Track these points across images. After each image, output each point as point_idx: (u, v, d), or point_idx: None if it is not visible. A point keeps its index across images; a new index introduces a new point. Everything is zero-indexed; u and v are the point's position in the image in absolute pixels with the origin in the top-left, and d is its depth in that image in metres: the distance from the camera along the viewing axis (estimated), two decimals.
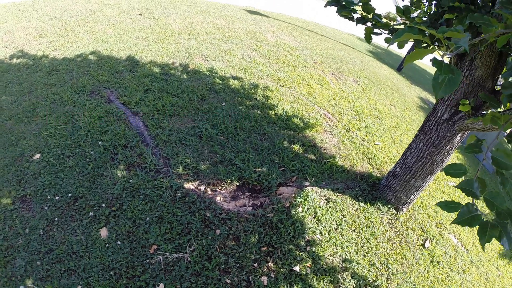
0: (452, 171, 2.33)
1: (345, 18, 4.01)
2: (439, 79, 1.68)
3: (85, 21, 9.11)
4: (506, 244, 2.03)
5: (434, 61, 1.74)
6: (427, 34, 1.83)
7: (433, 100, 11.74)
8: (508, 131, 3.13)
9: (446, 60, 1.80)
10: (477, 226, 2.12)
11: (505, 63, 3.54)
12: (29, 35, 7.95)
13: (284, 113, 6.51)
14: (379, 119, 7.76)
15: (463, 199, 6.17)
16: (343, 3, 3.82)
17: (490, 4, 3.53)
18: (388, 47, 2.80)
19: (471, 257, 4.99)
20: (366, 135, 6.77)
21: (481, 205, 6.17)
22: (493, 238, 2.08)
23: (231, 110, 6.17)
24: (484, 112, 3.78)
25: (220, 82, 7.06)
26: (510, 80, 2.70)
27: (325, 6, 4.02)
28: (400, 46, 3.18)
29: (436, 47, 1.89)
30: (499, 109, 3.56)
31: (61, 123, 5.11)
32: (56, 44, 7.65)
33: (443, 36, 1.73)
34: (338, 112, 7.33)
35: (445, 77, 1.67)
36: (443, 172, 6.56)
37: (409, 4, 4.10)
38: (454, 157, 7.91)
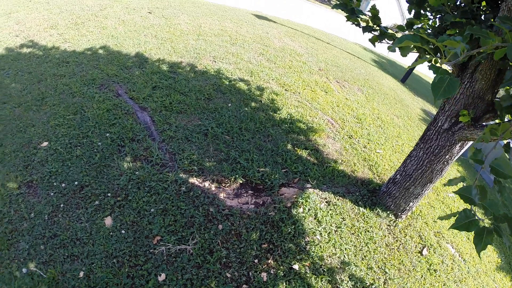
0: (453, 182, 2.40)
1: (352, 24, 4.11)
2: (438, 82, 1.76)
3: (96, 16, 9.19)
4: (507, 242, 2.10)
5: (432, 66, 1.83)
6: (431, 47, 1.91)
7: (435, 112, 11.84)
8: (505, 141, 3.21)
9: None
10: (473, 237, 2.18)
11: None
12: (40, 26, 8.02)
13: (289, 117, 6.59)
14: (382, 128, 7.84)
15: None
16: (352, 8, 3.92)
17: (492, 20, 3.62)
18: (388, 53, 2.87)
19: (468, 268, 5.03)
20: (368, 143, 6.85)
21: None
22: (490, 246, 2.15)
23: (236, 110, 6.26)
24: (484, 123, 3.85)
25: (227, 83, 7.15)
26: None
27: (333, 7, 4.11)
28: (403, 54, 3.27)
29: (438, 59, 1.97)
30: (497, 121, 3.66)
31: (70, 113, 5.18)
32: (67, 37, 7.72)
33: (442, 45, 1.81)
34: (341, 119, 7.41)
35: (441, 78, 1.75)
36: (442, 182, 6.63)
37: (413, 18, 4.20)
38: (454, 169, 7.98)
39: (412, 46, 3.16)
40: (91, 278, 3.30)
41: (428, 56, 3.82)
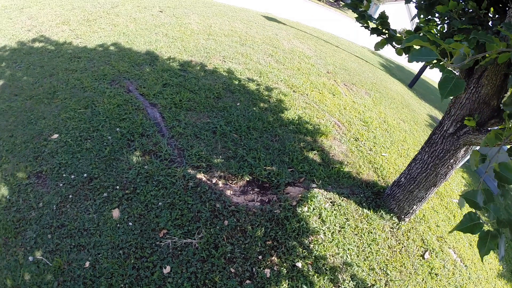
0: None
1: (361, 26, 4.17)
2: (444, 81, 1.81)
3: (107, 14, 9.31)
4: (501, 252, 2.13)
5: (438, 64, 1.89)
6: (439, 52, 1.95)
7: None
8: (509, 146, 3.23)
9: None
10: (477, 241, 2.21)
11: None
12: (52, 22, 8.14)
13: (296, 118, 6.65)
14: (388, 131, 7.87)
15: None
16: (361, 10, 3.98)
17: (500, 26, 3.65)
18: (396, 51, 2.89)
19: (469, 274, 5.03)
20: (374, 146, 6.88)
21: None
22: (492, 253, 2.16)
23: (245, 110, 6.32)
24: (489, 128, 3.88)
25: (236, 83, 7.22)
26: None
27: (343, 6, 4.18)
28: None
29: (445, 62, 2.02)
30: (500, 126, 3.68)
31: (81, 107, 5.27)
32: (78, 33, 7.83)
33: (448, 47, 1.86)
34: (348, 122, 7.45)
35: (447, 77, 1.81)
36: (446, 188, 6.64)
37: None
38: (459, 175, 7.99)
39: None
40: (96, 268, 3.37)
41: (435, 61, 3.89)
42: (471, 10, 3.75)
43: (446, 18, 4.07)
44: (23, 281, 3.20)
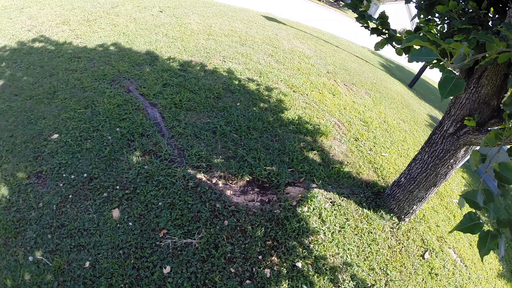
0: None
1: (361, 26, 4.17)
2: (444, 81, 1.82)
3: (107, 14, 9.31)
4: (501, 251, 2.13)
5: (438, 64, 1.89)
6: (439, 52, 1.96)
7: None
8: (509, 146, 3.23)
9: None
10: (477, 241, 2.21)
11: None
12: (52, 22, 8.15)
13: (296, 118, 6.65)
14: (388, 131, 7.87)
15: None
16: (361, 10, 3.98)
17: (500, 26, 3.65)
18: (396, 51, 2.88)
19: (469, 274, 5.03)
20: (374, 146, 6.88)
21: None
22: (492, 253, 2.16)
23: (245, 110, 6.32)
24: (489, 128, 3.87)
25: (236, 83, 7.22)
26: None
27: (343, 6, 4.18)
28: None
29: (445, 62, 2.02)
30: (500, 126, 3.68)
31: (81, 107, 5.27)
32: (78, 33, 7.84)
33: (448, 47, 1.87)
34: (348, 122, 7.45)
35: (447, 77, 1.81)
36: (446, 188, 6.64)
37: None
38: (459, 176, 7.99)
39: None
40: (96, 268, 3.37)
41: (435, 61, 3.89)
42: (471, 10, 3.74)
43: (446, 18, 4.07)
44: (23, 281, 3.20)
